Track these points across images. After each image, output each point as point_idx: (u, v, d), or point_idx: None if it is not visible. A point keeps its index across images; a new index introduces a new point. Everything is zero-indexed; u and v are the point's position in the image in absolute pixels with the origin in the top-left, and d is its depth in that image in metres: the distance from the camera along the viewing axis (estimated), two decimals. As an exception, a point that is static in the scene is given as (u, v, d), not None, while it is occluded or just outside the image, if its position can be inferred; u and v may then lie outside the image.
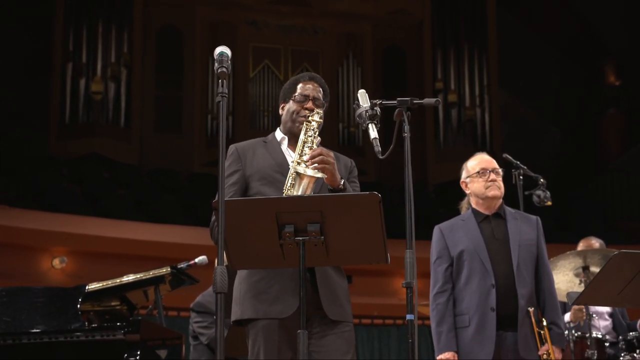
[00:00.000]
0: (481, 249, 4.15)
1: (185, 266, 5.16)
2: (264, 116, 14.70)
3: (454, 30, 15.49)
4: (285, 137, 3.43)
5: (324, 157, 3.13)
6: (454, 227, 4.28)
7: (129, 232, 11.12)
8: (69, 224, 10.88)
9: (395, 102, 3.15)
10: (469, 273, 4.14)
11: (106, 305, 5.07)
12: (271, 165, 3.32)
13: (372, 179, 14.19)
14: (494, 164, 4.35)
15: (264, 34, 15.12)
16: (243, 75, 14.76)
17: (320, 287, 3.17)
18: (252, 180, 3.32)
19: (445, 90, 15.24)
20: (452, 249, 4.21)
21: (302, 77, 3.47)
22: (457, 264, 4.19)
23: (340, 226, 2.85)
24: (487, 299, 4.06)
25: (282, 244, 2.88)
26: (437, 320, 4.14)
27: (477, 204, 4.32)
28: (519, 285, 4.07)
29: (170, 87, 14.66)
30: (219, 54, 2.85)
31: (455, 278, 4.19)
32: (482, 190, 4.27)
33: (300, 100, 3.39)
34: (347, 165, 3.44)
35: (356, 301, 4.39)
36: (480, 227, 4.23)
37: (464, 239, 4.20)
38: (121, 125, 13.74)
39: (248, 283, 3.23)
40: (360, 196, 2.88)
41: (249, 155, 3.37)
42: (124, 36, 13.94)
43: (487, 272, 4.10)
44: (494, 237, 4.21)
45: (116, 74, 13.74)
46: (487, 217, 4.27)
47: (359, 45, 15.33)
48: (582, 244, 5.88)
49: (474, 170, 4.33)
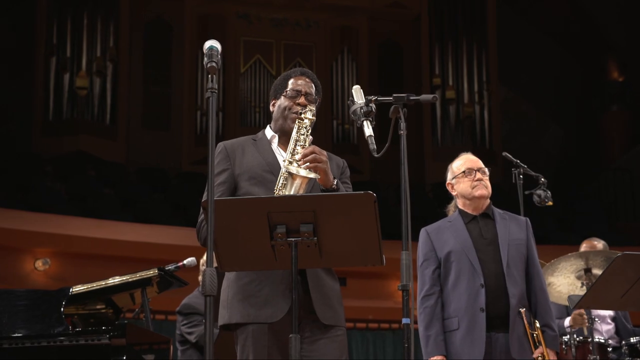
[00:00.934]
0: (469, 249, 4.15)
1: (173, 268, 5.15)
2: (255, 113, 14.69)
3: (452, 24, 15.51)
4: (275, 135, 3.42)
5: (316, 156, 3.13)
6: (440, 228, 4.28)
7: (115, 233, 11.10)
8: (53, 224, 10.85)
9: (391, 98, 3.15)
10: (457, 274, 4.13)
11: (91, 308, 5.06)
12: (261, 165, 3.31)
13: (367, 178, 14.20)
14: (480, 164, 4.35)
15: (255, 28, 15.11)
16: (234, 70, 14.75)
17: (312, 290, 3.17)
18: (241, 180, 3.31)
19: (443, 86, 15.26)
20: (439, 250, 4.21)
21: (294, 73, 3.47)
22: (445, 265, 4.18)
23: (334, 227, 2.85)
24: (476, 300, 4.05)
25: (273, 245, 2.87)
26: (425, 323, 4.14)
27: (464, 205, 4.32)
28: (509, 285, 4.06)
29: (158, 82, 14.65)
30: (209, 48, 2.85)
31: (443, 280, 4.18)
32: (469, 190, 4.27)
33: (292, 96, 3.38)
34: (339, 165, 3.44)
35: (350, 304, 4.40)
36: (467, 228, 4.23)
37: (451, 240, 4.20)
38: (107, 122, 13.72)
39: (237, 286, 3.22)
40: (355, 196, 2.88)
41: (238, 153, 3.36)
42: (110, 29, 13.92)
43: (475, 272, 4.09)
44: (482, 237, 4.20)
45: (102, 69, 13.71)
46: (475, 218, 4.27)
47: (354, 40, 15.33)
48: (585, 245, 5.89)
49: (459, 171, 4.33)
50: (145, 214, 12.10)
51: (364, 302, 11.37)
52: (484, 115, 15.20)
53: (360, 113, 3.16)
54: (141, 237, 11.16)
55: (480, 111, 15.21)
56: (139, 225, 11.44)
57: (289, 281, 3.01)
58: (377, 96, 3.19)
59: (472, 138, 14.94)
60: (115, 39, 13.97)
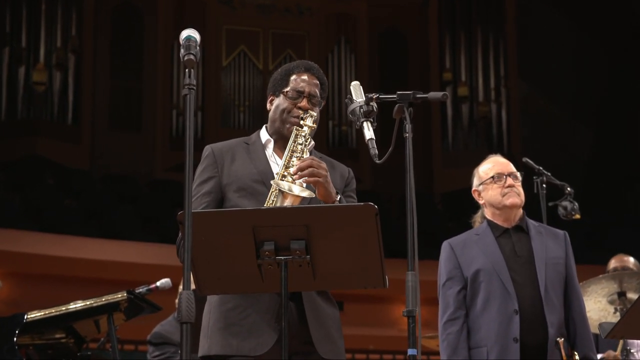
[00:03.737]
0: (501, 267, 4.13)
1: (144, 291, 5.15)
2: (239, 112, 14.71)
3: (464, 10, 15.55)
4: (271, 140, 3.40)
5: (314, 170, 3.10)
6: (466, 242, 4.26)
7: (78, 250, 11.09)
8: (5, 239, 10.83)
9: (394, 96, 3.15)
10: (487, 297, 4.11)
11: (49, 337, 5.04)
12: (252, 174, 3.30)
13: (368, 187, 14.21)
14: (511, 167, 4.34)
15: (239, 14, 15.13)
16: (215, 63, 14.76)
17: (309, 319, 3.16)
18: (229, 191, 3.30)
19: (455, 82, 15.29)
20: (466, 268, 4.19)
21: (297, 67, 3.43)
22: (472, 286, 4.16)
23: (330, 243, 2.85)
24: (509, 328, 4.04)
25: (260, 265, 2.87)
26: (448, 353, 4.12)
27: (493, 216, 4.30)
28: (547, 311, 4.05)
29: (128, 76, 14.65)
30: (186, 39, 2.85)
31: (469, 303, 4.16)
32: (499, 199, 4.26)
33: (293, 97, 3.35)
34: (343, 176, 3.42)
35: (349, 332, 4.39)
36: (498, 242, 4.21)
37: (480, 256, 4.18)
38: (69, 123, 13.71)
39: (219, 311, 3.21)
40: (354, 208, 2.89)
41: (227, 159, 3.35)
42: (72, 15, 13.92)
43: (508, 296, 4.07)
44: (515, 254, 4.19)
45: (63, 61, 13.71)
46: (507, 231, 4.26)
47: (352, 28, 15.37)
48: (614, 262, 5.89)
49: (487, 176, 4.32)
50: (112, 229, 12.09)
51: (363, 330, 11.37)
52: (501, 115, 15.23)
53: (359, 113, 3.16)
54: (107, 255, 11.15)
55: (497, 110, 15.25)
56: (105, 242, 11.43)
57: (278, 307, 3.00)
58: (378, 93, 3.19)
59: (488, 141, 14.96)
60: (78, 27, 13.97)
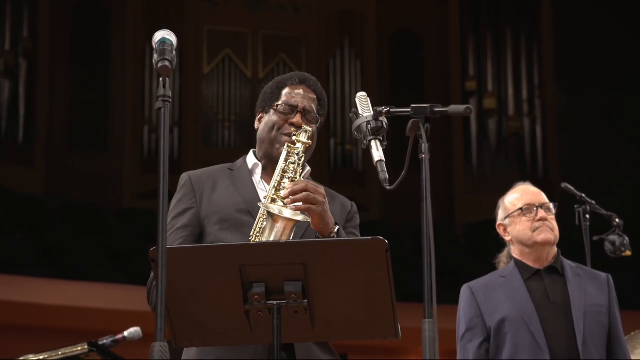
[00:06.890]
0: (530, 316, 4.15)
1: (109, 342, 5.16)
2: (223, 128, 14.71)
3: (492, 8, 15.60)
4: (259, 164, 3.43)
5: (310, 195, 3.12)
6: (490, 286, 4.29)
7: (31, 293, 11.07)
8: (-55, 280, 10.83)
9: (408, 110, 3.16)
10: (514, 350, 4.13)
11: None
12: (237, 203, 3.32)
13: (376, 217, 14.21)
14: (543, 198, 4.37)
15: (224, 13, 15.18)
16: (195, 70, 14.79)
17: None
18: (209, 223, 3.32)
19: (480, 92, 15.31)
20: (489, 317, 4.21)
21: (290, 79, 3.48)
22: (496, 338, 4.19)
23: (331, 285, 2.86)
24: None
25: (248, 311, 2.87)
26: None
27: (521, 254, 4.32)
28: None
29: (91, 86, 14.67)
30: (160, 42, 2.86)
31: (493, 357, 4.18)
32: (529, 234, 4.28)
33: (285, 112, 3.39)
34: (345, 208, 3.45)
35: (353, 392, 4.39)
36: (527, 286, 4.24)
37: (506, 303, 4.21)
38: (20, 141, 13.71)
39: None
40: (360, 243, 2.89)
41: (207, 188, 3.38)
42: (24, 14, 13.94)
43: (539, 350, 4.09)
44: (548, 300, 4.21)
45: (12, 68, 13.73)
46: (538, 272, 4.28)
47: (358, 29, 15.41)
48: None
49: (515, 207, 4.35)
50: (71, 267, 12.07)
51: (372, 389, 11.34)
52: (535, 132, 15.24)
53: (366, 130, 3.17)
54: (66, 299, 11.13)
55: (530, 126, 15.26)
56: (63, 283, 11.41)
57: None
58: (389, 107, 3.20)
59: (520, 163, 14.97)
60: (31, 28, 14.00)
